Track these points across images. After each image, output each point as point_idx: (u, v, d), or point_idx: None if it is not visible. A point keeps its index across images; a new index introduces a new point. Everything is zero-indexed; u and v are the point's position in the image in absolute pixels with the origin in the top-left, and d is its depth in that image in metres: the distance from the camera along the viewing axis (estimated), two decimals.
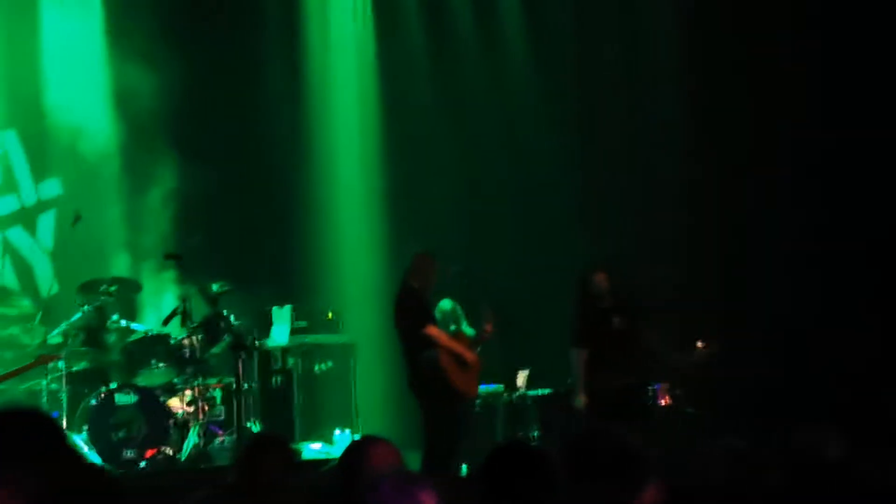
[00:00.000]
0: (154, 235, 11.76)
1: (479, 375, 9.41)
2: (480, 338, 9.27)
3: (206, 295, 9.73)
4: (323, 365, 11.21)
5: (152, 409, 9.40)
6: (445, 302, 9.84)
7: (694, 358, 9.30)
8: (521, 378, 10.88)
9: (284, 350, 10.99)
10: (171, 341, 9.86)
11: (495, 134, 12.55)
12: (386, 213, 12.57)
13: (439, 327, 9.08)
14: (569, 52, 12.41)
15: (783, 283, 10.91)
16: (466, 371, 9.06)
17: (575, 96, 12.33)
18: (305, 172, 12.57)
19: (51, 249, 12.14)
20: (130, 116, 11.90)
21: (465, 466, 9.24)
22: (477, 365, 9.21)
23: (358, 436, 10.63)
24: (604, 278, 9.09)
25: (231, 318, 9.92)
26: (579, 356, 9.03)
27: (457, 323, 9.85)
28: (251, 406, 10.16)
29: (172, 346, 9.82)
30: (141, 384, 9.57)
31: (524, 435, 10.51)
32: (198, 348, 9.83)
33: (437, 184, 12.37)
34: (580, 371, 8.99)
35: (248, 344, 10.13)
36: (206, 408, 9.77)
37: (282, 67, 12.62)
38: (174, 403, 9.70)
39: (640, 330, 9.04)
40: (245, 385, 10.06)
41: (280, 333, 10.99)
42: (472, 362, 9.12)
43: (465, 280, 9.51)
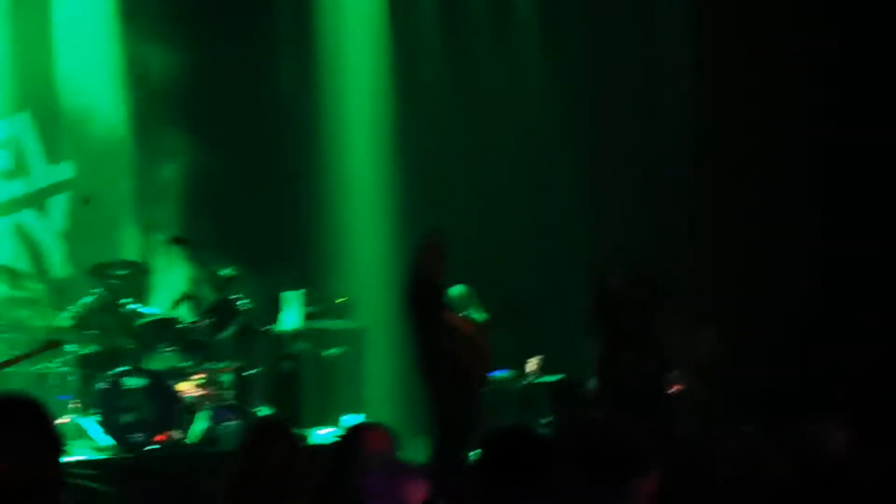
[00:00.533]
0: (165, 218, 11.76)
1: (490, 362, 9.38)
2: (492, 325, 9.23)
3: (215, 279, 9.73)
4: (332, 350, 11.19)
5: (161, 392, 9.39)
6: (457, 287, 9.80)
7: (699, 354, 9.28)
8: (532, 365, 10.85)
9: (294, 335, 10.97)
10: (181, 325, 9.85)
11: (507, 120, 12.49)
12: (397, 198, 12.53)
13: (450, 313, 9.04)
14: (581, 36, 12.34)
15: (794, 275, 10.88)
16: (477, 358, 9.02)
17: (587, 83, 12.26)
18: (317, 156, 12.53)
19: (62, 232, 12.16)
20: (142, 97, 11.89)
21: (474, 454, 9.21)
22: (488, 351, 9.17)
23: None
24: (619, 268, 9.10)
25: (240, 302, 9.91)
26: (596, 344, 9.04)
27: (468, 308, 9.81)
28: (260, 391, 10.15)
29: (182, 331, 9.82)
30: (150, 368, 9.56)
31: (534, 422, 10.48)
32: (207, 333, 9.82)
33: (448, 169, 12.33)
34: (596, 355, 9.06)
35: (257, 329, 10.14)
36: (215, 392, 9.75)
37: (295, 48, 12.57)
38: (183, 387, 9.68)
39: (655, 320, 9.04)
40: (254, 370, 10.07)
41: (290, 318, 10.97)
42: (483, 349, 9.08)
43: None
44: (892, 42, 10.66)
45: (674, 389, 9.80)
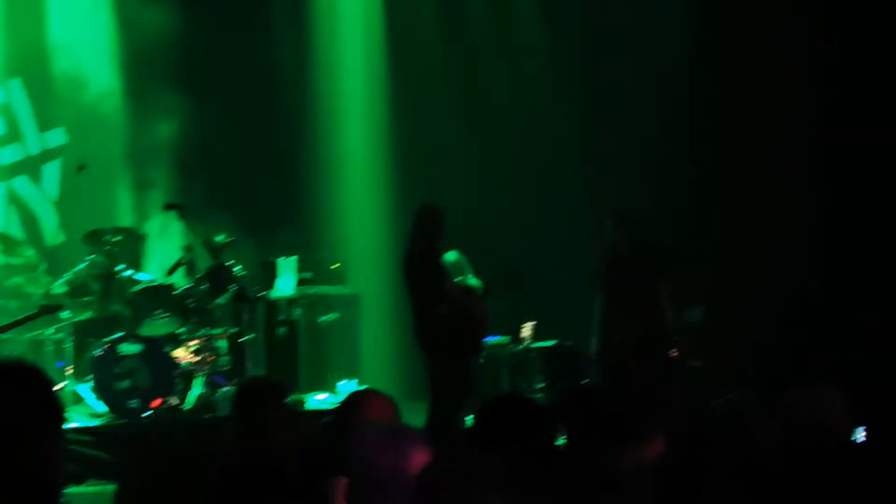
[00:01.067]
0: (159, 184, 11.73)
1: (484, 328, 9.40)
2: (486, 290, 9.24)
3: (210, 245, 9.71)
4: (328, 316, 11.19)
5: (157, 359, 9.39)
6: (451, 253, 9.81)
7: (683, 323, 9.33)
8: (527, 330, 10.87)
9: (289, 301, 10.97)
10: (176, 292, 9.84)
11: (503, 88, 12.45)
12: (392, 163, 12.50)
13: (446, 279, 9.04)
14: (578, 10, 12.30)
15: (792, 245, 10.91)
16: (472, 324, 9.04)
17: (583, 53, 12.23)
18: (312, 120, 12.50)
19: (56, 199, 12.13)
20: (135, 61, 11.83)
21: (469, 419, 9.24)
22: (483, 317, 9.19)
23: (361, 387, 10.65)
24: (621, 228, 9.13)
25: (235, 268, 9.91)
26: (598, 303, 9.17)
27: (463, 274, 9.81)
28: (255, 357, 10.17)
29: (177, 297, 9.81)
30: (145, 334, 9.55)
31: (528, 387, 10.51)
32: (202, 299, 9.81)
33: (444, 134, 12.30)
34: (597, 317, 9.15)
35: (252, 295, 10.14)
36: (211, 358, 9.75)
37: (290, 9, 12.50)
38: (179, 354, 9.68)
39: (656, 281, 9.08)
40: (250, 336, 10.07)
41: (285, 284, 10.97)
42: (478, 315, 9.09)
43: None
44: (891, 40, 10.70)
45: (672, 355, 9.84)
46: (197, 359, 9.71)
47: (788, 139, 11.17)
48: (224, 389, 9.76)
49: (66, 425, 2.81)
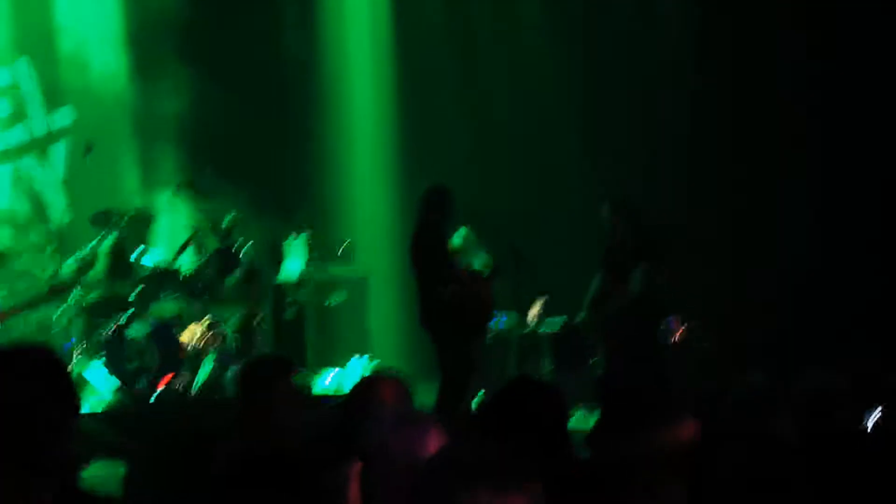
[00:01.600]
0: (167, 165, 11.71)
1: (491, 309, 9.39)
2: (494, 271, 9.23)
3: (218, 226, 9.70)
4: (336, 297, 11.19)
5: (165, 339, 9.41)
6: (460, 231, 9.80)
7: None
8: (535, 310, 10.85)
9: (297, 282, 10.97)
10: (184, 272, 9.84)
11: (505, 69, 12.43)
12: (399, 144, 12.48)
13: (453, 259, 9.03)
14: None
15: (795, 224, 10.89)
16: (479, 304, 9.02)
17: (584, 36, 12.20)
18: (319, 100, 12.47)
19: (63, 179, 12.11)
20: (141, 40, 11.80)
21: (476, 399, 9.24)
22: (490, 298, 9.18)
23: (373, 363, 10.64)
24: (618, 213, 9.12)
25: (244, 249, 9.90)
26: (596, 280, 9.28)
27: (470, 255, 9.80)
28: (264, 337, 10.17)
29: (185, 278, 9.81)
30: (154, 315, 9.57)
31: (536, 367, 10.51)
32: (211, 280, 9.81)
33: (450, 115, 12.27)
34: (592, 293, 9.31)
35: (260, 275, 10.13)
36: (219, 339, 9.76)
37: None
38: (187, 335, 9.70)
39: (652, 263, 9.08)
40: (258, 316, 10.07)
41: (293, 265, 10.96)
42: (485, 296, 9.08)
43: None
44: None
45: (676, 337, 9.83)
46: (205, 340, 9.72)
47: (788, 119, 11.11)
48: (232, 370, 9.77)
49: (80, 411, 2.80)
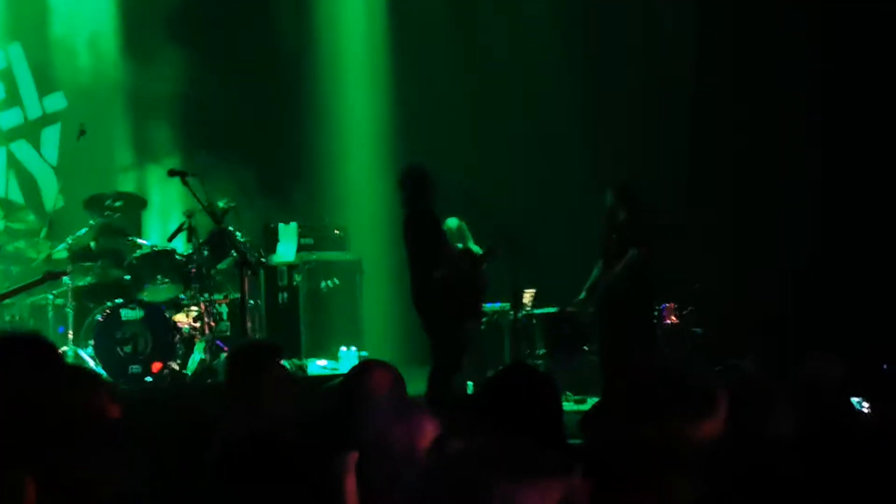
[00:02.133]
0: (160, 149, 11.69)
1: (484, 294, 9.41)
2: (487, 256, 9.23)
3: (211, 211, 9.67)
4: (329, 282, 11.19)
5: (158, 324, 9.39)
6: (452, 220, 9.81)
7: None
8: (528, 297, 10.86)
9: (290, 267, 10.98)
10: (177, 257, 9.82)
11: (504, 52, 12.40)
12: (394, 128, 12.46)
13: (446, 244, 9.03)
14: None
15: (795, 224, 10.92)
16: (472, 289, 9.03)
17: (585, 21, 12.17)
18: (313, 83, 12.45)
19: (56, 163, 12.09)
20: (134, 24, 11.77)
21: (470, 384, 9.26)
22: (483, 283, 9.19)
23: (364, 353, 10.66)
24: (619, 199, 9.15)
25: (237, 234, 9.88)
26: (597, 266, 9.37)
27: (463, 241, 9.81)
28: (257, 322, 10.17)
29: (178, 262, 9.79)
30: (147, 300, 9.55)
31: (529, 353, 10.53)
32: (204, 264, 9.79)
33: (445, 101, 12.25)
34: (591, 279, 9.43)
35: (253, 260, 10.10)
36: (212, 324, 9.76)
37: None
38: (180, 319, 9.70)
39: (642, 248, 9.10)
40: (251, 301, 10.06)
41: (286, 250, 10.96)
42: (478, 281, 9.09)
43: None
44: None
45: (668, 322, 9.85)
46: (198, 324, 9.72)
47: (789, 107, 11.13)
48: (225, 355, 9.77)
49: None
